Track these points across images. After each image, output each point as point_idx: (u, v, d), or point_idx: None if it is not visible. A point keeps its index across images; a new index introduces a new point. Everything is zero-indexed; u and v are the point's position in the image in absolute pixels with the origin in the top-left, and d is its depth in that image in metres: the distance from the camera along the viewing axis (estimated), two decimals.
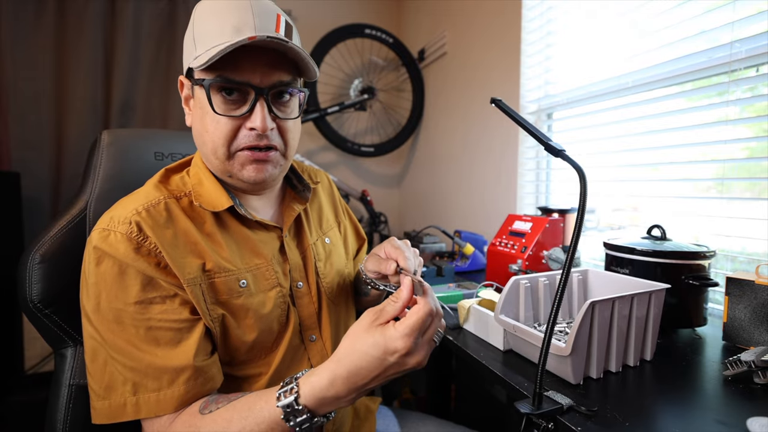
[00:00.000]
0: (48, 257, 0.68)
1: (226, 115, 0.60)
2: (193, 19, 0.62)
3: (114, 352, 0.55)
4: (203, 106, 0.61)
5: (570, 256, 0.48)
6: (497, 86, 1.65)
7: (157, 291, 0.57)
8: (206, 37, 0.58)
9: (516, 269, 1.04)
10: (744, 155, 0.96)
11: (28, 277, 0.66)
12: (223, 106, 0.60)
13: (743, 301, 0.72)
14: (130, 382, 0.55)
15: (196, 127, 0.64)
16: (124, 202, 0.61)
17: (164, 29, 2.00)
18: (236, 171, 0.63)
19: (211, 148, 0.62)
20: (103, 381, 0.55)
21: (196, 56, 0.59)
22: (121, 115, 1.95)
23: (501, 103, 0.63)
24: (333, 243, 0.82)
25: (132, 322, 0.55)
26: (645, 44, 1.10)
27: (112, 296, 0.55)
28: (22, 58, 1.80)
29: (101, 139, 0.78)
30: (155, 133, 0.86)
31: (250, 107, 0.60)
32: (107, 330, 0.55)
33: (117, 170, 0.77)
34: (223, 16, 0.58)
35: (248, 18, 0.58)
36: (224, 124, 0.60)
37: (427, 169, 2.30)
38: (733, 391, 0.58)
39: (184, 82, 0.65)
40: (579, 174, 0.51)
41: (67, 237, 0.70)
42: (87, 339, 0.57)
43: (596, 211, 1.28)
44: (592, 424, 0.49)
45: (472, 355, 0.71)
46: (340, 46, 2.16)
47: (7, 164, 1.81)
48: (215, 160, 0.63)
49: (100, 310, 0.55)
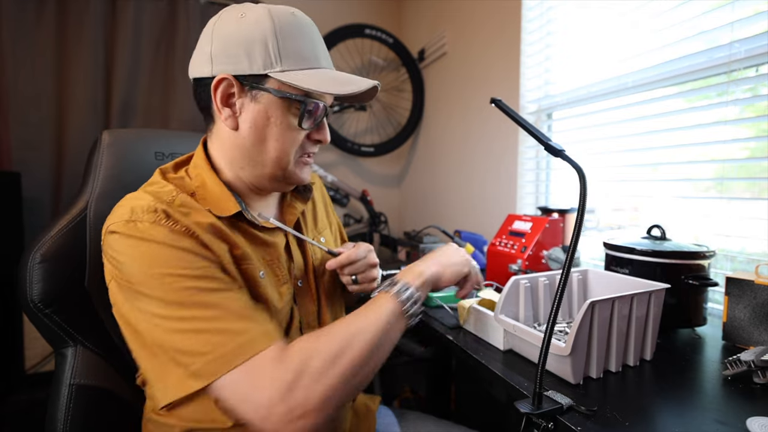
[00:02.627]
0: (48, 257, 0.67)
1: (306, 129, 0.64)
2: (271, 27, 0.60)
3: (197, 319, 0.52)
4: (274, 116, 0.62)
5: (570, 256, 0.48)
6: (497, 86, 1.65)
7: (210, 261, 0.56)
8: (297, 55, 0.62)
9: (516, 269, 1.04)
10: (744, 155, 0.96)
11: (29, 276, 0.66)
12: (303, 121, 0.64)
13: (743, 301, 0.72)
14: (228, 332, 0.52)
15: (254, 134, 0.62)
16: (136, 196, 0.59)
17: (164, 29, 2.00)
18: (292, 174, 0.66)
19: (277, 156, 0.64)
20: (199, 348, 0.51)
21: (283, 69, 0.61)
22: (122, 115, 1.95)
23: (501, 103, 0.64)
24: (327, 242, 0.83)
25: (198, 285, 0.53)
26: (645, 44, 1.10)
27: (168, 269, 0.52)
28: (22, 58, 1.80)
29: (102, 139, 0.78)
30: (155, 132, 0.86)
31: (318, 122, 0.65)
32: (178, 306, 0.52)
33: (117, 170, 0.77)
34: (311, 39, 0.64)
35: (325, 49, 0.67)
36: (297, 135, 0.64)
37: (427, 169, 2.31)
38: (733, 390, 0.58)
39: (227, 82, 0.61)
40: (579, 174, 0.51)
41: (68, 237, 0.70)
42: (152, 329, 0.52)
43: (596, 211, 1.28)
44: (592, 424, 0.50)
45: (472, 355, 0.71)
46: (340, 46, 2.16)
47: (8, 164, 1.81)
48: (274, 167, 0.65)
49: (164, 288, 0.52)
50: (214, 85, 0.61)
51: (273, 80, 0.61)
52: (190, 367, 0.51)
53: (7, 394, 1.66)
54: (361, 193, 2.24)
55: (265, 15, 0.61)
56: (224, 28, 0.62)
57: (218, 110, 0.63)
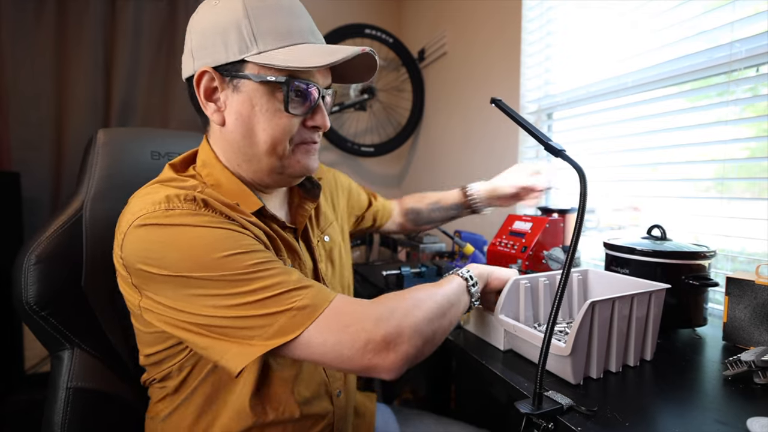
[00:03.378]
0: (44, 258, 0.65)
1: (296, 114, 0.60)
2: (242, 10, 0.57)
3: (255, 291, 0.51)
4: (258, 103, 0.58)
5: (570, 256, 0.48)
6: (497, 86, 1.65)
7: (258, 241, 0.56)
8: (273, 34, 0.57)
9: (516, 269, 1.04)
10: (744, 155, 0.96)
11: (24, 278, 0.64)
12: (291, 105, 0.59)
13: (743, 301, 0.72)
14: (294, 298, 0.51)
15: (243, 125, 0.60)
16: (156, 190, 0.56)
17: (164, 29, 2.00)
18: (292, 164, 0.63)
19: (269, 146, 0.60)
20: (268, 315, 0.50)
21: (259, 51, 0.56)
22: (121, 114, 1.95)
23: (501, 103, 0.63)
24: (332, 240, 0.80)
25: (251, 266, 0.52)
26: (645, 44, 1.10)
27: (223, 251, 0.51)
28: (22, 58, 1.80)
29: (96, 138, 0.76)
30: (151, 131, 0.85)
31: (313, 106, 0.61)
32: (244, 282, 0.51)
33: (113, 170, 0.75)
34: (287, 15, 0.59)
35: (309, 21, 0.62)
36: (288, 122, 0.60)
37: (427, 169, 2.30)
38: (733, 391, 0.58)
39: (209, 75, 0.59)
40: (579, 174, 0.51)
41: (64, 237, 0.68)
42: (217, 311, 0.50)
43: (596, 211, 1.27)
44: (592, 424, 0.49)
45: (472, 355, 0.71)
46: None
47: (7, 164, 1.81)
48: (269, 159, 0.61)
49: (224, 268, 0.50)
50: (196, 80, 0.59)
51: (251, 65, 0.57)
52: (269, 329, 0.50)
53: (7, 394, 1.66)
54: None
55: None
56: (200, 20, 0.60)
57: (204, 106, 0.61)
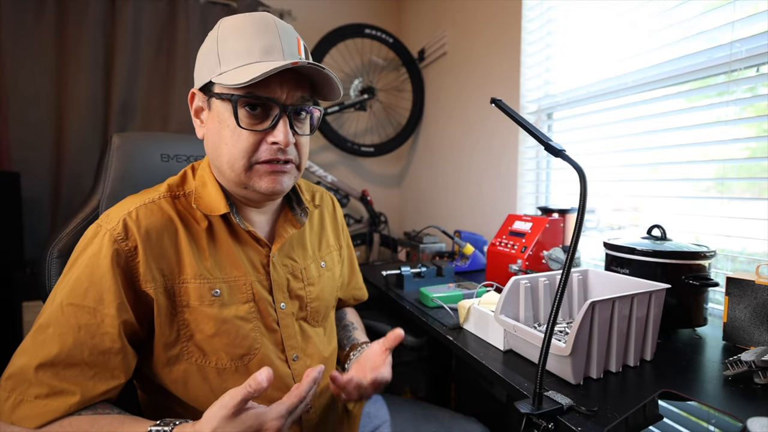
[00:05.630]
0: (65, 252, 0.75)
1: (250, 129, 0.62)
2: (216, 35, 0.63)
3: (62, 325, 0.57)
4: (222, 120, 0.63)
5: (570, 256, 0.48)
6: (497, 86, 1.65)
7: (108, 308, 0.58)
8: (232, 55, 0.61)
9: (516, 269, 1.04)
10: (744, 155, 0.96)
11: (47, 270, 0.75)
12: (246, 121, 0.62)
13: (743, 301, 0.72)
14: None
15: (212, 140, 0.65)
16: (128, 200, 0.66)
17: (164, 29, 1.99)
18: (253, 182, 0.64)
19: (228, 160, 0.63)
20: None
21: (220, 72, 0.61)
22: (121, 115, 1.95)
23: (501, 103, 0.63)
24: (328, 267, 0.83)
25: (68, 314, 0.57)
26: (645, 44, 1.10)
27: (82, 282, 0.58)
28: (22, 58, 1.80)
29: (112, 142, 0.85)
30: (161, 135, 0.93)
31: (273, 122, 0.62)
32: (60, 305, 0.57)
33: (126, 171, 0.84)
34: (250, 36, 0.61)
35: (275, 40, 0.62)
36: (246, 138, 0.62)
37: (427, 169, 2.30)
38: (734, 391, 0.58)
39: (197, 95, 0.67)
40: (579, 174, 0.51)
41: (82, 233, 0.75)
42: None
43: (596, 211, 1.28)
44: (592, 424, 0.49)
45: (472, 355, 0.71)
46: (340, 46, 2.16)
47: (7, 164, 1.81)
48: (231, 172, 0.64)
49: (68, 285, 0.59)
50: (189, 100, 0.68)
51: (217, 85, 0.62)
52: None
53: None
54: (360, 193, 2.24)
55: (218, 24, 0.65)
56: (201, 48, 0.67)
57: (194, 122, 0.69)
